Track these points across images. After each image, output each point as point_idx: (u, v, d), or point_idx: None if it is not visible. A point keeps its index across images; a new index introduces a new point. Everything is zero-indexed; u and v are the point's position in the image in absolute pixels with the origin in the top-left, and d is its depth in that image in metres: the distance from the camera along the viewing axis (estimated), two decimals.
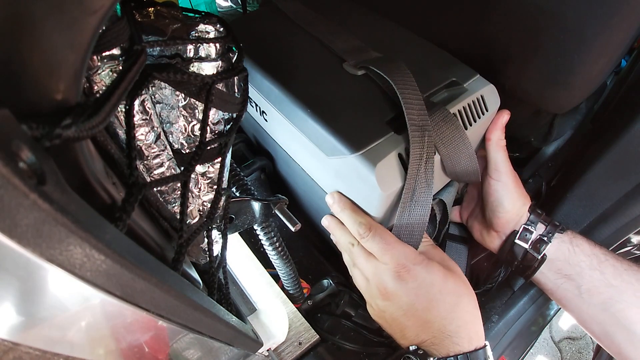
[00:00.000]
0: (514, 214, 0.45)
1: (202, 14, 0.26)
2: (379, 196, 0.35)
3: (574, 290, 0.43)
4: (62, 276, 0.13)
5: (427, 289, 0.35)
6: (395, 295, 0.35)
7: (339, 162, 0.37)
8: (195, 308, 0.20)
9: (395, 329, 0.37)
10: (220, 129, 0.28)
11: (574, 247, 0.43)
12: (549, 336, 1.22)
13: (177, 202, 0.29)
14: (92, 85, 0.20)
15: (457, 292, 0.36)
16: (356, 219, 0.37)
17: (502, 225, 0.46)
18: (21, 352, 0.16)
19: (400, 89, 0.37)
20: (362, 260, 0.37)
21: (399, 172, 0.36)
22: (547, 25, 0.46)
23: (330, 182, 0.40)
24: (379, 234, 0.36)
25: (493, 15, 0.50)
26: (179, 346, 0.27)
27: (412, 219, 0.36)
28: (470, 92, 0.42)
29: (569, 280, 0.43)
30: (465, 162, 0.39)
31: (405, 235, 0.37)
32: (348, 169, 0.36)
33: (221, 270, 0.34)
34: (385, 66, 0.40)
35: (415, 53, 0.47)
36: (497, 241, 0.47)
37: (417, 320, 0.36)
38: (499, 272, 0.58)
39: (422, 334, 0.36)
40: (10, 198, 0.10)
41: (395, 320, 0.37)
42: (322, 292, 0.52)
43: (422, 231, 0.37)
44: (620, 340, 0.41)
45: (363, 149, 0.35)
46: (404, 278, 0.35)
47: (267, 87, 0.43)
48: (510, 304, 0.57)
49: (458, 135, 0.38)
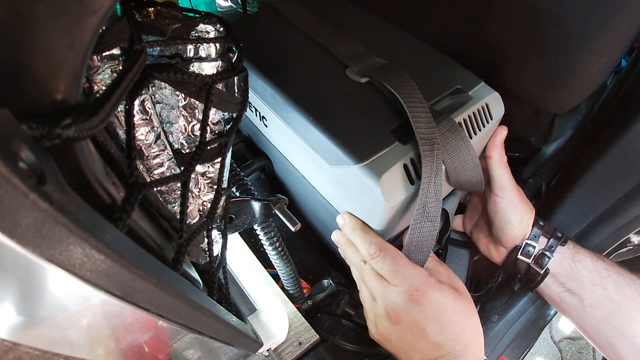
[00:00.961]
0: (522, 229, 0.45)
1: (202, 14, 0.26)
2: (383, 208, 0.34)
3: (577, 304, 0.43)
4: (62, 276, 0.13)
5: (440, 312, 0.35)
6: (407, 318, 0.35)
7: (342, 172, 0.36)
8: (195, 308, 0.20)
9: (401, 351, 0.37)
10: (220, 129, 0.28)
11: (575, 263, 0.44)
12: (549, 336, 1.22)
13: (177, 202, 0.29)
14: (92, 85, 0.20)
15: (466, 313, 0.36)
16: (367, 239, 0.36)
17: (510, 241, 0.46)
18: (21, 352, 0.16)
19: (406, 102, 0.36)
20: (372, 279, 0.37)
21: (403, 183, 0.35)
22: (547, 26, 0.46)
23: (332, 190, 0.40)
24: (390, 255, 0.35)
25: (493, 15, 0.50)
26: (179, 346, 0.27)
27: (422, 234, 0.35)
28: (475, 100, 0.41)
29: (572, 294, 0.43)
30: (470, 173, 0.39)
31: (414, 252, 0.36)
32: (351, 179, 0.35)
33: (221, 270, 0.34)
34: (390, 76, 0.39)
35: (418, 59, 0.47)
36: (503, 255, 0.48)
37: (426, 342, 0.35)
38: (499, 273, 0.58)
39: (429, 355, 0.35)
40: (10, 198, 0.10)
41: (402, 342, 0.36)
42: (322, 292, 0.52)
43: (430, 247, 0.36)
44: (623, 351, 0.42)
45: (368, 160, 0.35)
46: (418, 301, 0.34)
47: (268, 92, 0.42)
48: (510, 304, 0.57)
49: (464, 146, 0.37)
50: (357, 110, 0.39)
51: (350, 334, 0.49)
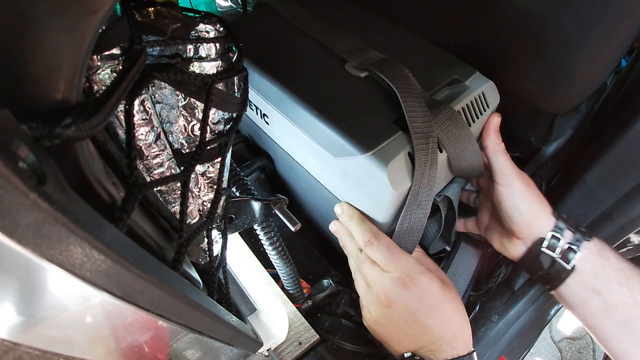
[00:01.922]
0: (533, 215, 0.42)
1: (202, 14, 0.26)
2: (390, 195, 0.35)
3: (600, 306, 0.40)
4: (62, 276, 0.13)
5: (429, 297, 0.36)
6: (398, 302, 0.36)
7: (347, 163, 0.37)
8: (195, 308, 0.20)
9: (392, 337, 0.38)
10: (220, 128, 0.28)
11: (602, 260, 0.41)
12: (549, 336, 1.22)
13: (177, 202, 0.29)
14: (92, 85, 0.20)
15: (454, 302, 0.38)
16: (363, 228, 0.38)
17: (523, 231, 0.43)
18: (21, 352, 0.16)
19: (402, 96, 0.37)
20: (366, 266, 0.38)
21: (408, 171, 0.36)
22: (547, 26, 0.46)
23: (337, 183, 0.40)
24: (384, 243, 0.37)
25: (493, 15, 0.50)
26: (179, 346, 0.27)
27: (412, 221, 0.37)
28: (472, 89, 0.42)
29: (596, 295, 0.41)
30: (471, 159, 0.40)
31: (404, 237, 0.38)
32: (358, 169, 0.36)
33: (221, 270, 0.34)
34: (387, 70, 0.40)
35: (414, 52, 0.47)
36: (521, 249, 0.45)
37: (417, 327, 0.36)
38: (499, 272, 0.58)
39: (420, 341, 0.37)
40: (10, 198, 0.10)
41: (394, 327, 0.38)
42: (322, 292, 0.52)
43: (420, 232, 0.38)
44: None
45: (374, 149, 0.35)
46: (408, 286, 0.36)
47: (269, 89, 0.43)
48: (510, 304, 0.58)
49: (464, 133, 0.38)
50: (359, 103, 0.40)
51: (350, 333, 0.49)
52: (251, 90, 0.44)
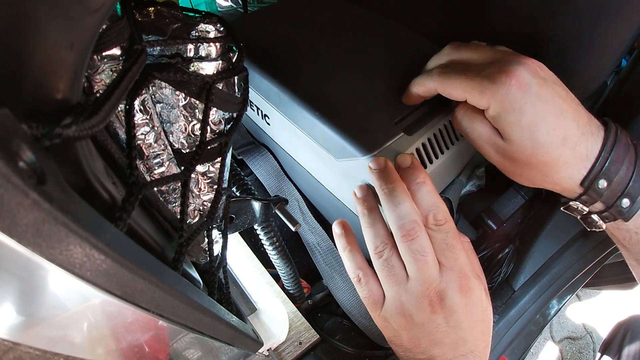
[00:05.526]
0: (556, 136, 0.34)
1: (202, 14, 0.26)
2: None
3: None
4: (62, 276, 0.13)
5: (477, 306, 0.32)
6: (450, 308, 0.31)
7: (349, 165, 0.37)
8: (196, 308, 0.20)
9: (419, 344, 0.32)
10: (221, 128, 0.28)
11: None
12: (549, 336, 1.22)
13: (177, 202, 0.29)
14: (92, 85, 0.20)
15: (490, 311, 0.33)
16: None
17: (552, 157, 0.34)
18: (21, 352, 0.16)
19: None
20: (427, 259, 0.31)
21: None
22: (547, 25, 0.46)
23: (338, 184, 0.40)
24: (454, 227, 0.32)
25: (492, 15, 0.50)
26: (179, 346, 0.27)
27: None
28: None
29: None
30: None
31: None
32: (359, 171, 0.36)
33: (221, 270, 0.34)
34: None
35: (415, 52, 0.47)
36: (565, 178, 0.35)
37: (455, 338, 0.31)
38: (499, 272, 0.58)
39: (450, 353, 0.31)
40: (10, 197, 0.10)
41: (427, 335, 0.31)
42: (322, 291, 0.52)
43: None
44: None
45: (375, 151, 0.35)
46: (465, 291, 0.31)
47: (270, 90, 0.43)
48: (510, 304, 0.57)
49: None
50: (361, 104, 0.40)
51: (350, 333, 0.49)
52: (252, 90, 0.44)
